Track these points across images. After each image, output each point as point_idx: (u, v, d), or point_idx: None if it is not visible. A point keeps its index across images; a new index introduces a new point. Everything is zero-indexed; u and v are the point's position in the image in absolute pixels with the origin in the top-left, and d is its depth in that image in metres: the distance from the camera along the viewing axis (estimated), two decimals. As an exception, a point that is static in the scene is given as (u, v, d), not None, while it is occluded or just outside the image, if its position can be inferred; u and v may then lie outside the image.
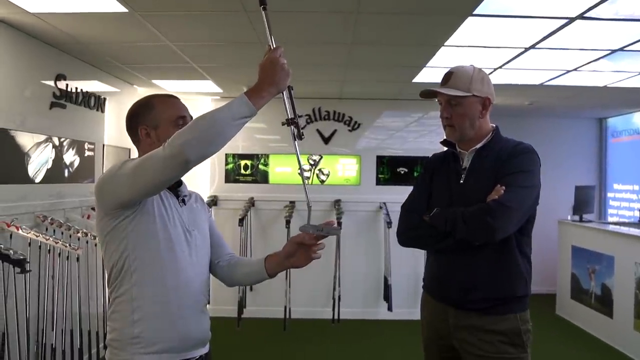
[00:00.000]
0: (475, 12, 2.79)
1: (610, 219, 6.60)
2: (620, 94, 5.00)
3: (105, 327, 3.63)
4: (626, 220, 6.20)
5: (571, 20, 2.90)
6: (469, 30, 3.09)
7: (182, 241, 1.54)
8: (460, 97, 1.88)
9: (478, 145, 1.94)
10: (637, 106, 6.05)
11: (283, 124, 1.52)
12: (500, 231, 1.75)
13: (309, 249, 1.60)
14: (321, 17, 2.91)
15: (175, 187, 1.63)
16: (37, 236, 3.04)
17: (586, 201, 5.54)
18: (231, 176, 5.67)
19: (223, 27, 3.12)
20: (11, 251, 2.52)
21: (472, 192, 1.87)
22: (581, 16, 2.83)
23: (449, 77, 1.93)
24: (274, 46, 1.45)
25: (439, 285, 1.98)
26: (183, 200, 1.63)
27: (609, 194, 6.76)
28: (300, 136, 1.52)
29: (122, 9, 2.76)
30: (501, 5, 2.70)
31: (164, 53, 3.68)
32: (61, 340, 3.32)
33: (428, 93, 1.99)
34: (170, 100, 1.63)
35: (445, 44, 3.40)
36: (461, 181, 1.95)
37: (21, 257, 2.51)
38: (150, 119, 1.57)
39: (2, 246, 2.55)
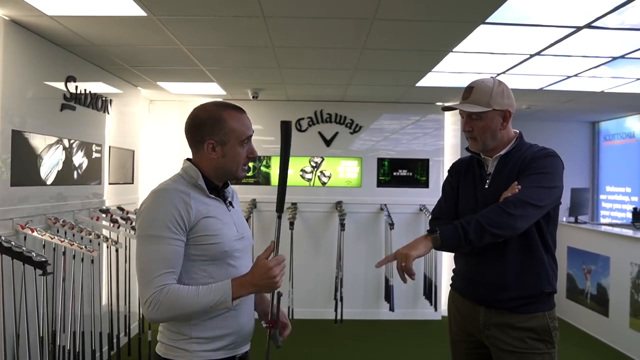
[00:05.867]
0: (487, 20, 2.87)
1: (602, 221, 6.75)
2: (616, 99, 5.14)
3: (119, 329, 3.66)
4: (618, 222, 6.37)
5: (578, 29, 2.99)
6: (478, 37, 3.16)
7: (236, 248, 1.58)
8: (481, 112, 1.94)
9: (502, 152, 2.00)
10: (630, 111, 6.22)
11: (264, 325, 1.60)
12: (520, 222, 1.81)
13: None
14: (337, 23, 2.96)
15: (222, 189, 1.65)
16: (52, 238, 3.05)
17: (581, 203, 5.67)
18: (233, 178, 5.67)
19: (239, 32, 3.15)
20: (33, 253, 2.54)
21: (497, 197, 1.93)
22: (588, 25, 2.93)
23: (469, 91, 1.98)
24: (279, 253, 1.52)
25: (469, 285, 2.05)
26: (230, 203, 1.66)
27: (602, 196, 6.93)
28: (277, 343, 1.62)
29: (141, 12, 2.78)
30: (513, 14, 2.77)
31: (174, 56, 3.70)
32: (72, 342, 3.32)
33: (449, 108, 2.08)
34: (241, 116, 1.60)
35: (454, 50, 3.48)
36: (486, 186, 2.01)
37: (43, 259, 2.52)
38: (220, 135, 1.56)
39: (24, 249, 2.56)
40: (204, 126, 1.58)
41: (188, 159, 1.65)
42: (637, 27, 2.96)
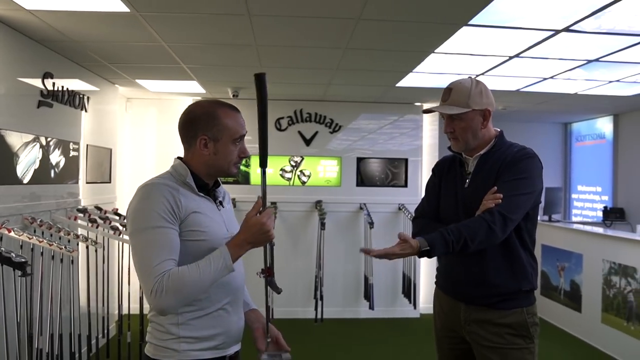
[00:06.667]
0: (470, 22, 2.92)
1: (574, 219, 6.95)
2: (588, 100, 5.30)
3: (98, 330, 3.58)
4: (589, 220, 6.56)
5: (557, 32, 3.08)
6: (460, 38, 3.22)
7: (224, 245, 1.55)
8: (461, 113, 1.97)
9: (482, 152, 2.04)
10: (601, 112, 6.41)
11: (258, 274, 1.63)
12: (501, 238, 1.87)
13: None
14: (323, 22, 2.97)
15: (214, 189, 1.65)
16: (30, 238, 2.97)
17: (554, 202, 5.82)
18: (212, 177, 5.62)
19: (223, 30, 3.13)
20: (13, 254, 2.46)
21: (476, 196, 1.96)
22: (567, 29, 3.01)
23: (448, 93, 2.01)
24: (267, 206, 1.55)
25: (450, 282, 2.09)
26: (220, 203, 1.66)
27: (573, 195, 7.13)
28: (277, 291, 1.66)
29: (124, 8, 2.74)
30: (496, 16, 2.83)
31: (155, 53, 3.65)
32: (49, 344, 3.24)
33: (430, 111, 2.11)
34: (235, 115, 1.61)
35: (436, 51, 3.52)
36: (466, 185, 2.05)
37: (23, 260, 2.46)
38: (213, 131, 1.56)
39: (3, 249, 2.49)
40: (198, 121, 1.57)
41: (179, 157, 1.64)
42: (612, 32, 3.06)
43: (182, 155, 1.65)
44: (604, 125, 6.61)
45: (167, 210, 1.46)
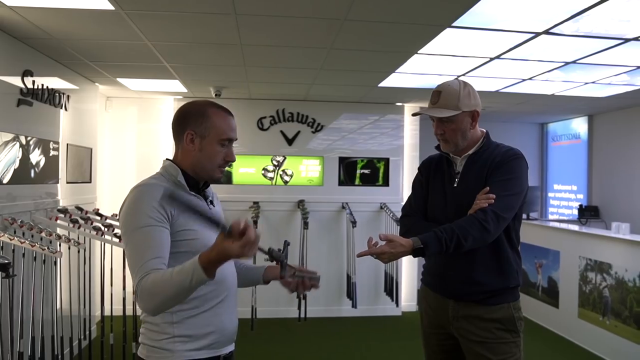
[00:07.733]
0: (454, 24, 2.97)
1: (550, 217, 7.11)
2: (565, 101, 5.43)
3: (80, 332, 3.52)
4: (565, 218, 6.72)
5: (537, 34, 3.15)
6: (443, 39, 3.27)
7: None
8: (451, 116, 1.99)
9: (470, 152, 2.08)
10: (576, 113, 6.57)
11: (265, 259, 1.56)
12: (494, 237, 1.92)
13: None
14: (308, 22, 2.98)
15: (204, 189, 1.66)
16: (11, 239, 2.91)
17: (532, 201, 5.95)
18: (193, 176, 5.58)
19: (208, 29, 3.12)
20: (-5, 255, 2.42)
21: (465, 196, 2.01)
22: (546, 31, 3.09)
23: (437, 96, 2.03)
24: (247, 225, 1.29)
25: (439, 280, 2.12)
26: (211, 202, 1.67)
27: (550, 194, 7.29)
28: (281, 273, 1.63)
29: (109, 6, 2.71)
30: (478, 18, 2.88)
31: (138, 51, 3.62)
32: (31, 347, 3.18)
33: (420, 113, 2.15)
34: (226, 117, 1.62)
35: (419, 51, 3.57)
36: (455, 185, 2.09)
37: (6, 261, 2.41)
38: (201, 128, 1.57)
39: (-15, 250, 2.44)
40: (188, 117, 1.60)
41: (168, 159, 1.65)
42: (590, 35, 3.15)
43: (167, 157, 1.68)
44: (579, 125, 6.78)
45: (157, 210, 1.46)
